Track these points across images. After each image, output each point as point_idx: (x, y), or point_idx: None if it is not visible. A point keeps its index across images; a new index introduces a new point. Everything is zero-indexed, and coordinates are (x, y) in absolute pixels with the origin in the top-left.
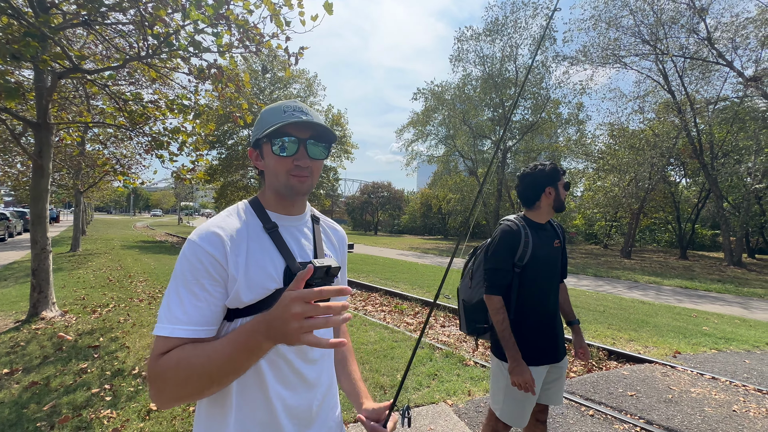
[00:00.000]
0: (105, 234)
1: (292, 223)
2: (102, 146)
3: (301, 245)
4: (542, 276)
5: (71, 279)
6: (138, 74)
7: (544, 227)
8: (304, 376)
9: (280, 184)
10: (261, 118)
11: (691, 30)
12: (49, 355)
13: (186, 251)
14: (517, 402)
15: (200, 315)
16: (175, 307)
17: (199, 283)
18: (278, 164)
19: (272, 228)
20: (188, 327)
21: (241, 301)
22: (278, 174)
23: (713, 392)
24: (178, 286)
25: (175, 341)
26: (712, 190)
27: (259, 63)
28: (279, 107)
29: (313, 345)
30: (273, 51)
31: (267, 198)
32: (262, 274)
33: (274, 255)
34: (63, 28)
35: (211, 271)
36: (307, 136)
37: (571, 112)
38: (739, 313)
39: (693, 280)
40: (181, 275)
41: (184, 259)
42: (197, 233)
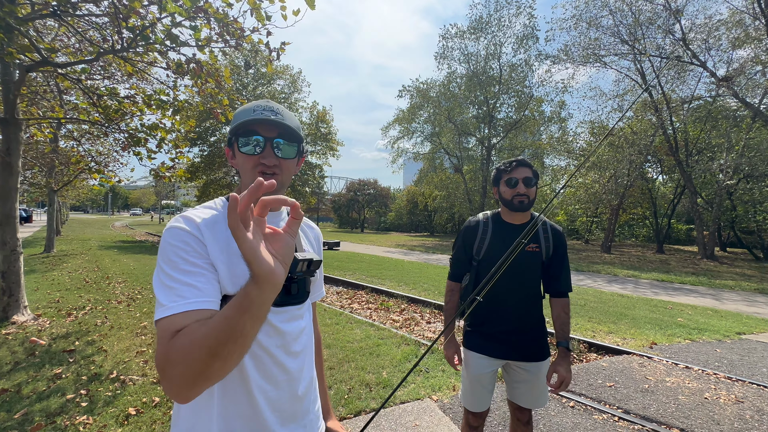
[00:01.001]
0: (81, 234)
1: (269, 220)
2: (76, 143)
3: None
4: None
5: (45, 281)
6: (113, 68)
7: (519, 228)
8: (287, 369)
9: (249, 182)
10: (234, 117)
11: (667, 31)
12: (21, 361)
13: (165, 237)
14: (466, 385)
15: (195, 288)
16: (168, 290)
17: (185, 260)
18: (245, 162)
19: None
20: (186, 300)
21: (228, 291)
22: (246, 172)
23: (687, 381)
24: (166, 270)
25: (177, 318)
26: (687, 186)
27: (242, 58)
28: (250, 106)
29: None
30: (255, 46)
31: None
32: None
33: None
34: (31, 19)
35: (194, 246)
36: (275, 135)
37: (553, 110)
38: (711, 305)
39: (669, 274)
40: (166, 260)
41: (165, 244)
42: (173, 220)
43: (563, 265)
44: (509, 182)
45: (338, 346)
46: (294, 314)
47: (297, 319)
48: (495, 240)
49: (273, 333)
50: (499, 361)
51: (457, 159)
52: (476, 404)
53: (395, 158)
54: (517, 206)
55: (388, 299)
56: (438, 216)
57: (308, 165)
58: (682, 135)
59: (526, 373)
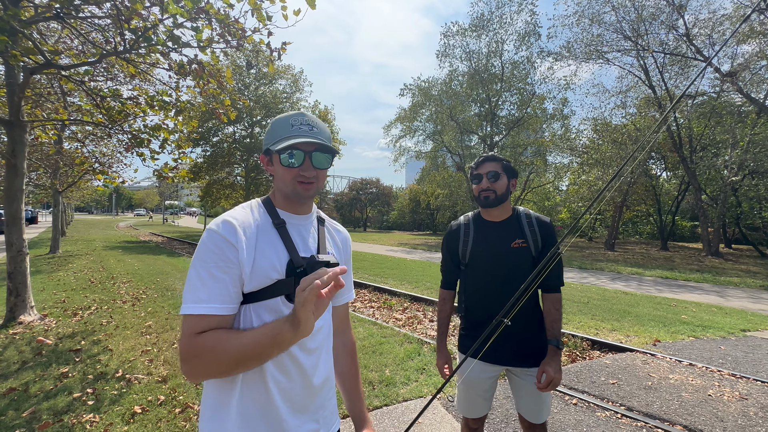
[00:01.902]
0: (86, 235)
1: (299, 222)
2: (80, 144)
3: (306, 242)
4: (487, 276)
5: (51, 282)
6: (116, 70)
7: (500, 225)
8: (301, 363)
9: (288, 190)
10: (271, 128)
11: (670, 26)
12: (28, 360)
13: (205, 238)
14: (461, 390)
15: (220, 294)
16: (197, 288)
17: (217, 266)
18: (286, 173)
19: (280, 224)
20: (210, 305)
21: (245, 287)
22: (286, 181)
23: (690, 378)
24: (199, 269)
25: (201, 319)
26: (691, 182)
27: (244, 59)
28: (287, 120)
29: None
30: (256, 46)
31: (277, 198)
32: (267, 265)
33: (279, 248)
34: (34, 22)
35: (228, 254)
36: (313, 149)
37: (555, 107)
38: (715, 302)
39: (673, 271)
40: (201, 260)
41: (203, 245)
42: (215, 222)
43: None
44: (475, 178)
45: None
46: None
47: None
48: (477, 240)
49: None
50: (496, 367)
51: (459, 157)
52: (471, 411)
53: (397, 157)
54: (483, 201)
55: (391, 298)
56: (440, 214)
57: None
58: (686, 131)
59: (526, 381)
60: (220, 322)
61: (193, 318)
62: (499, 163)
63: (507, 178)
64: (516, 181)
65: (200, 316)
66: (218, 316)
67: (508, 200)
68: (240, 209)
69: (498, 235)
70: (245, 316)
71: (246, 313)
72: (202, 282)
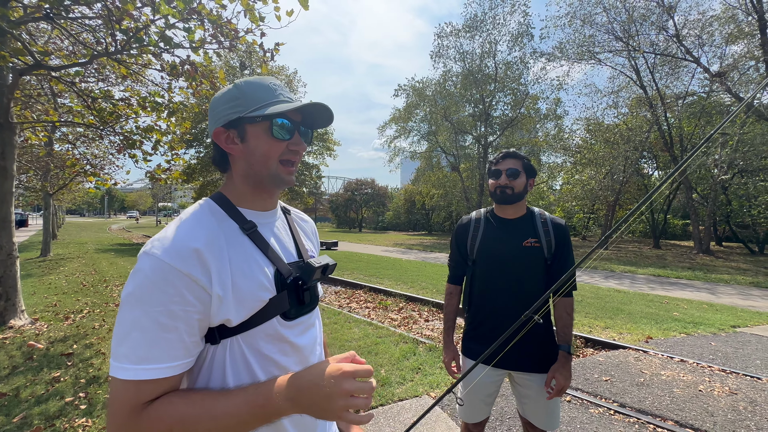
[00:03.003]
0: (78, 237)
1: (268, 220)
2: (71, 146)
3: (283, 243)
4: (496, 273)
5: (42, 285)
6: (107, 71)
7: (512, 223)
8: None
9: (267, 172)
10: (242, 92)
11: (660, 27)
12: (19, 365)
13: (148, 272)
14: (465, 394)
15: (169, 348)
16: (138, 341)
17: (167, 311)
18: (272, 149)
19: (251, 228)
20: (158, 365)
21: (231, 320)
22: (269, 160)
23: (682, 374)
24: (139, 315)
25: (144, 386)
26: (682, 181)
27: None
28: (263, 83)
29: (352, 423)
30: (250, 47)
31: (238, 192)
32: (253, 285)
33: (260, 260)
34: (24, 23)
35: (186, 295)
36: (300, 120)
37: (549, 107)
38: (706, 299)
39: (665, 268)
40: (141, 301)
41: (146, 280)
42: (162, 247)
43: (568, 261)
44: (494, 174)
45: (337, 345)
46: (308, 324)
47: (310, 329)
48: (487, 236)
49: (290, 351)
50: (500, 371)
51: (454, 157)
52: (472, 416)
53: (392, 157)
54: (499, 197)
55: (387, 298)
56: (436, 214)
57: (305, 165)
58: (677, 131)
59: (533, 387)
60: (173, 385)
61: (133, 385)
62: (519, 160)
63: (526, 177)
64: (534, 181)
65: (144, 382)
66: (170, 378)
67: (524, 199)
68: (191, 218)
69: (511, 233)
70: (233, 352)
71: (234, 348)
72: (144, 333)
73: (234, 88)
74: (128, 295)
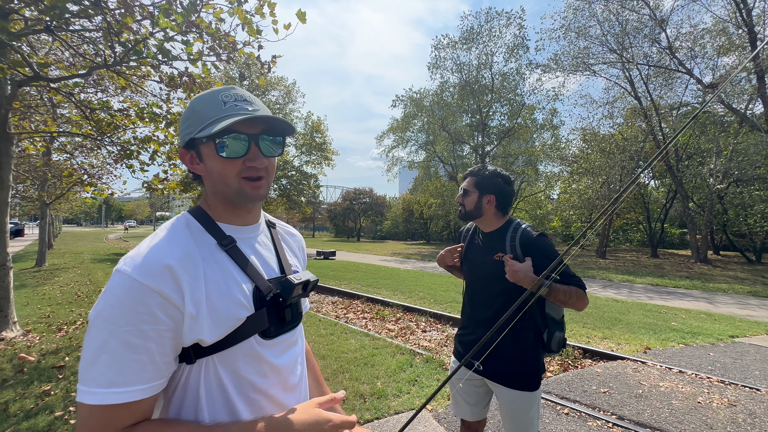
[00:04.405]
0: (74, 247)
1: (249, 234)
2: (69, 156)
3: (264, 259)
4: (475, 284)
5: (35, 296)
6: (106, 82)
7: (488, 236)
8: (286, 407)
9: (231, 191)
10: (193, 111)
11: (653, 40)
12: (8, 378)
13: (118, 289)
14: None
15: (140, 371)
16: (106, 364)
17: (138, 331)
18: (226, 168)
19: (230, 244)
20: (124, 389)
21: (204, 340)
22: (227, 179)
23: (680, 385)
24: (107, 336)
25: (116, 411)
26: (679, 191)
27: (236, 70)
28: (215, 96)
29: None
30: (248, 59)
31: (214, 207)
32: (229, 303)
33: (238, 276)
34: (24, 35)
35: (158, 314)
36: (258, 131)
37: (545, 117)
38: (705, 308)
39: (663, 278)
40: (110, 322)
41: (115, 299)
42: (134, 264)
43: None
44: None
45: (333, 356)
46: (289, 342)
47: (292, 347)
48: (470, 248)
49: (269, 372)
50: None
51: (451, 167)
52: (456, 410)
53: (390, 167)
54: (458, 214)
55: (384, 308)
56: (434, 224)
57: (304, 175)
58: None
59: (502, 400)
60: (145, 409)
61: (102, 410)
62: (473, 178)
63: (479, 195)
64: (493, 198)
65: (114, 406)
66: (143, 401)
67: (491, 214)
68: (166, 234)
69: (486, 245)
70: (207, 373)
71: (209, 369)
72: (113, 355)
73: (189, 105)
74: (96, 315)
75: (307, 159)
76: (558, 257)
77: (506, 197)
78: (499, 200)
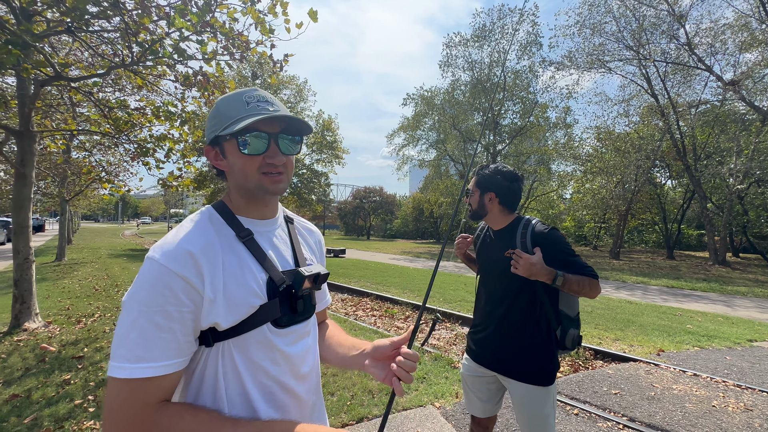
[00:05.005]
0: (92, 243)
1: (266, 228)
2: (88, 154)
3: (280, 252)
4: (486, 280)
5: (56, 289)
6: (124, 81)
7: (498, 233)
8: (297, 395)
9: (252, 185)
10: (218, 110)
11: (671, 36)
12: (31, 367)
13: (147, 274)
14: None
15: (165, 348)
16: (134, 341)
17: (163, 312)
18: (247, 164)
19: (247, 236)
20: (151, 364)
21: (220, 324)
22: (248, 175)
23: (694, 389)
24: (137, 316)
25: (141, 385)
26: (696, 191)
27: (249, 69)
28: (239, 97)
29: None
30: (260, 58)
31: (236, 202)
32: (244, 291)
33: (253, 267)
34: (46, 36)
35: (181, 296)
36: (278, 130)
37: (558, 115)
38: (722, 311)
39: (679, 280)
40: (140, 301)
41: (146, 283)
42: (162, 251)
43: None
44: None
45: None
46: (301, 333)
47: (304, 338)
48: (483, 245)
49: (281, 359)
50: (485, 370)
51: (462, 166)
52: (468, 406)
53: (400, 165)
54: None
55: (393, 306)
56: (444, 223)
57: (314, 173)
58: (690, 139)
59: (515, 396)
60: (168, 385)
61: (129, 384)
62: (475, 177)
63: (480, 193)
64: (493, 195)
65: (141, 380)
66: (166, 378)
67: (496, 212)
68: (190, 225)
69: (497, 243)
70: (224, 357)
71: (225, 353)
72: (142, 333)
73: (215, 105)
74: (129, 298)
75: (318, 157)
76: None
77: (508, 194)
78: (501, 197)
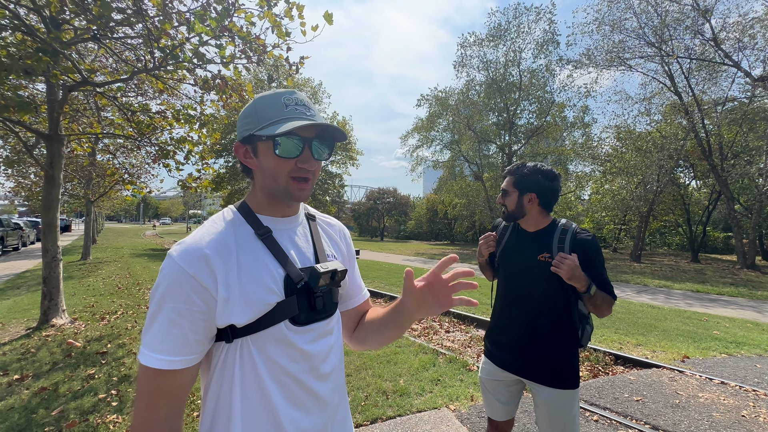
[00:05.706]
0: (115, 242)
1: (286, 226)
2: (112, 156)
3: (300, 249)
4: (511, 283)
5: (81, 287)
6: (146, 86)
7: (531, 236)
8: (317, 394)
9: (278, 189)
10: (255, 109)
11: (696, 31)
12: (59, 362)
13: (166, 269)
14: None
15: (176, 344)
16: (154, 332)
17: (176, 309)
18: (279, 166)
19: (265, 233)
20: (161, 357)
21: (236, 322)
22: (277, 177)
23: (722, 397)
24: (156, 309)
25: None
26: (723, 191)
27: (265, 73)
28: (278, 99)
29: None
30: (277, 61)
31: (258, 201)
32: (259, 288)
33: (270, 263)
34: (74, 43)
35: (192, 296)
36: (313, 135)
37: (576, 115)
38: (751, 317)
39: (704, 284)
40: (159, 297)
41: (164, 279)
42: (180, 249)
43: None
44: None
45: (355, 353)
46: (322, 331)
47: (325, 336)
48: (508, 246)
49: (299, 357)
50: (507, 374)
51: (477, 166)
52: (488, 409)
53: (414, 166)
54: (502, 215)
55: None
56: (458, 224)
57: (329, 174)
58: (715, 138)
59: (541, 400)
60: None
61: (152, 372)
62: (511, 177)
63: (519, 193)
64: (534, 195)
65: (160, 371)
66: (182, 372)
67: (535, 213)
68: (209, 225)
69: (528, 245)
70: (242, 353)
71: (244, 349)
72: (159, 326)
73: (251, 103)
74: (153, 291)
75: (332, 159)
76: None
77: (549, 195)
78: (542, 198)
